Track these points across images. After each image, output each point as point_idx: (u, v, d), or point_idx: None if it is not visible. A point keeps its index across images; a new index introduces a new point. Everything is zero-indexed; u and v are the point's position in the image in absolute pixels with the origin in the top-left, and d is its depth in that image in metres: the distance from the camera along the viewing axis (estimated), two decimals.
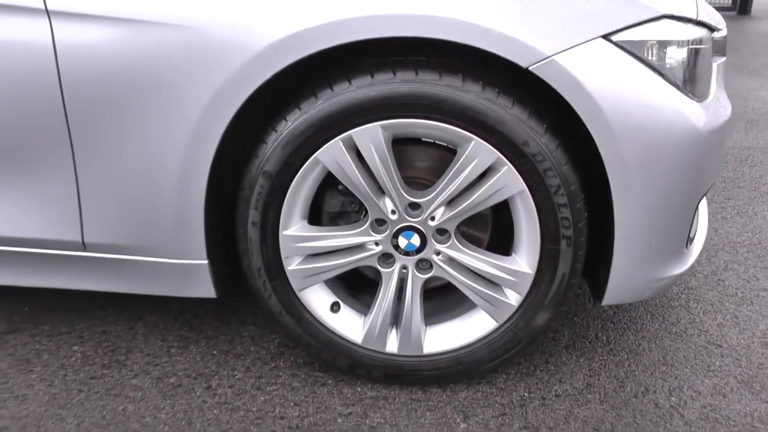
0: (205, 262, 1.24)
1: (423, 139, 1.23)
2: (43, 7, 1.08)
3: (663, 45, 1.09)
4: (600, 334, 1.50)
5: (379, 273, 1.25)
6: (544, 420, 1.23)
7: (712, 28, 1.23)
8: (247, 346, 1.46)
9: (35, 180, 1.21)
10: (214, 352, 1.45)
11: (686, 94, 1.11)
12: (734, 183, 2.40)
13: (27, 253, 1.29)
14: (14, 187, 1.22)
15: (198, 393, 1.31)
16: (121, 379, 1.35)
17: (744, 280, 1.72)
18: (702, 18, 1.19)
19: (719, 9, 7.57)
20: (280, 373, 1.36)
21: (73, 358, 1.43)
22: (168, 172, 1.14)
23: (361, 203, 1.25)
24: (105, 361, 1.42)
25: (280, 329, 1.29)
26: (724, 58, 1.39)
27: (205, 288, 1.27)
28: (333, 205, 1.25)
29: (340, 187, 1.25)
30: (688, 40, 1.12)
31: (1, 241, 1.28)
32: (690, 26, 1.15)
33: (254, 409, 1.26)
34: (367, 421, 1.23)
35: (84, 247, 1.26)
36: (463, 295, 1.25)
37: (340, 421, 1.22)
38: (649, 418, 1.24)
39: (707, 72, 1.18)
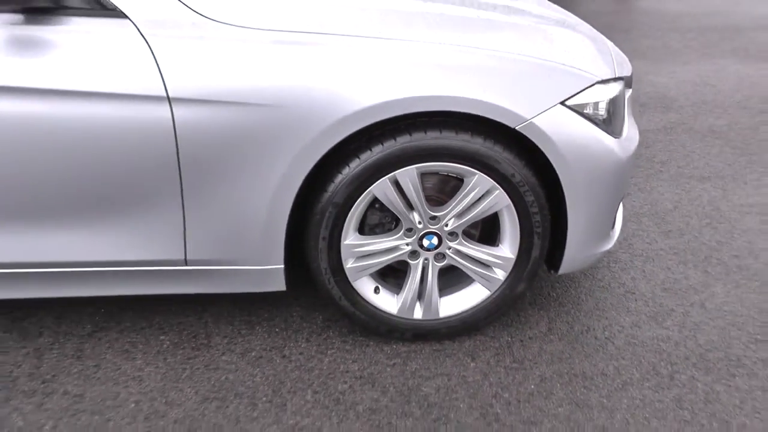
0: (282, 266, 1.68)
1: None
2: (165, 95, 1.45)
3: (596, 103, 1.63)
4: (551, 292, 2.09)
5: (406, 264, 1.75)
6: (525, 356, 1.80)
7: (624, 77, 1.78)
8: (299, 323, 1.92)
9: (152, 217, 1.59)
10: (276, 329, 1.90)
11: (611, 135, 1.66)
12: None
13: (139, 270, 1.68)
14: (135, 224, 1.60)
15: (277, 361, 1.77)
16: (213, 357, 1.79)
17: (647, 243, 2.37)
18: (618, 73, 1.74)
19: None
20: (333, 341, 1.85)
21: (164, 346, 1.84)
22: (260, 206, 1.56)
23: (393, 216, 1.72)
24: (192, 345, 1.84)
25: (339, 310, 1.77)
26: (630, 90, 1.96)
27: (279, 284, 1.72)
28: (373, 219, 1.72)
29: (376, 205, 1.72)
30: (611, 97, 1.67)
31: (122, 263, 1.65)
32: (611, 84, 1.70)
33: (324, 368, 1.74)
34: (407, 367, 1.74)
35: (186, 263, 1.66)
36: (465, 273, 1.78)
37: (389, 369, 1.73)
38: (592, 347, 1.84)
39: (623, 116, 1.74)
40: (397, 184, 1.61)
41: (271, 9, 1.55)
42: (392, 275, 1.85)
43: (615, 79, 1.73)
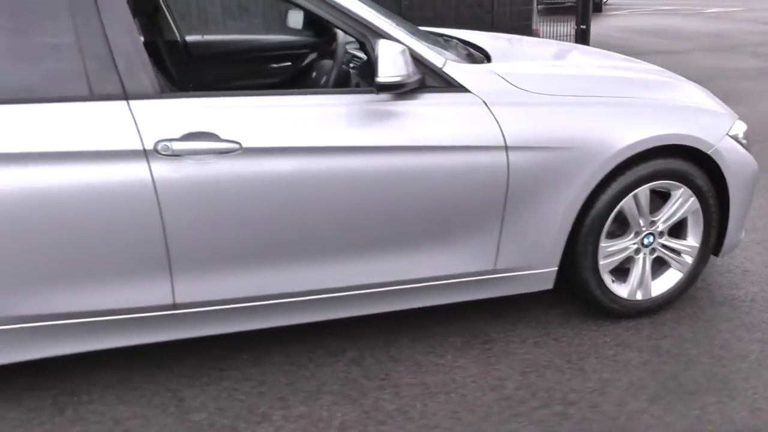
0: (556, 269, 2.28)
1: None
2: (504, 144, 2.07)
3: (739, 133, 2.44)
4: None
5: (630, 259, 2.41)
6: (710, 317, 2.50)
7: None
8: (546, 317, 2.50)
9: (475, 237, 2.15)
10: (533, 324, 2.47)
11: (748, 150, 2.48)
12: None
13: (455, 282, 2.20)
14: (460, 245, 2.15)
15: (551, 343, 2.34)
16: (503, 347, 2.32)
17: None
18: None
19: (564, 40, 9.53)
20: (581, 325, 2.45)
21: (458, 344, 2.34)
22: (554, 222, 2.19)
23: (620, 224, 2.39)
24: (480, 341, 2.36)
25: (590, 299, 2.38)
26: None
27: (549, 284, 2.31)
28: (610, 227, 2.39)
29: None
30: (745, 129, 2.50)
31: (438, 278, 2.18)
32: (740, 120, 2.54)
33: (588, 342, 2.34)
34: (642, 334, 2.39)
35: (494, 272, 2.22)
36: (663, 261, 2.48)
37: (631, 337, 2.37)
38: (745, 308, 2.58)
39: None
40: (635, 199, 2.30)
41: (553, 81, 2.23)
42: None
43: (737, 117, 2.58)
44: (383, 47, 1.88)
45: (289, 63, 3.13)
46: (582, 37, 8.19)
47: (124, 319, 2.01)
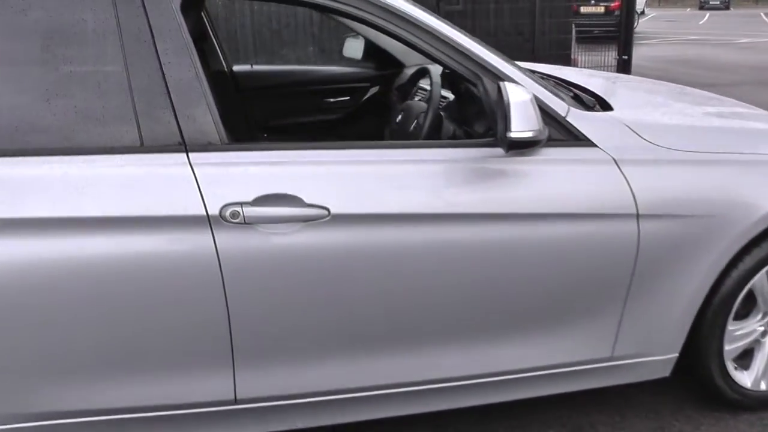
0: (677, 355, 1.94)
1: None
2: (635, 212, 1.73)
3: None
4: None
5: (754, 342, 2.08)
6: None
7: None
8: (660, 407, 2.14)
9: (590, 321, 1.81)
10: (649, 413, 2.11)
11: None
12: None
13: (558, 372, 1.85)
14: (572, 330, 1.81)
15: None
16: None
17: None
18: None
19: (609, 71, 9.01)
20: (698, 418, 2.09)
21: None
22: (682, 302, 1.84)
23: (743, 304, 2.05)
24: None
25: (712, 389, 2.04)
26: None
27: (666, 371, 1.97)
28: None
29: None
30: None
31: (546, 367, 1.83)
32: None
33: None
34: None
35: (610, 359, 1.87)
36: None
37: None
38: None
39: None
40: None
41: (687, 134, 1.88)
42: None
43: None
44: (513, 94, 1.55)
45: (348, 97, 2.80)
46: (624, 68, 7.83)
47: (175, 415, 1.65)
